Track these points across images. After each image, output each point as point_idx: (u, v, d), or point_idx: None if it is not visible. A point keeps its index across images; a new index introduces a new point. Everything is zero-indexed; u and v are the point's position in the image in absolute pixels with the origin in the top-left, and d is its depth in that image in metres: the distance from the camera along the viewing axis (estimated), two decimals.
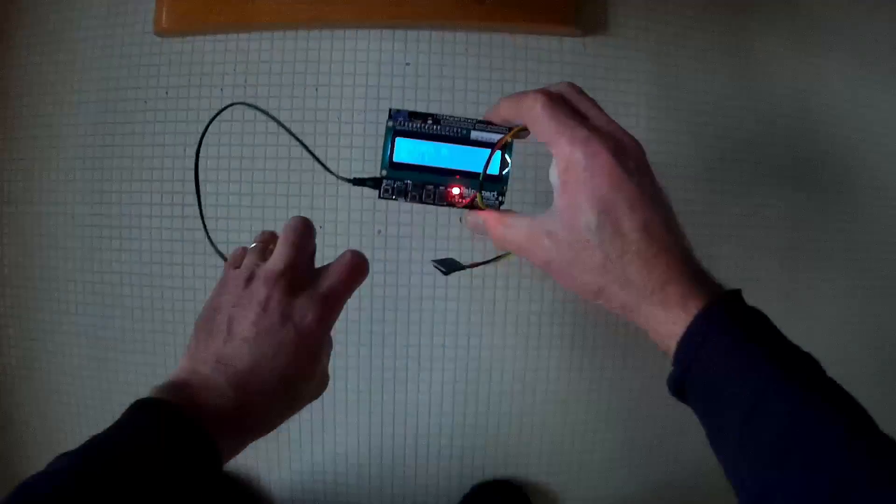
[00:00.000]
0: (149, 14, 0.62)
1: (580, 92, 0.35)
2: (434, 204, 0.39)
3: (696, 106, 0.66)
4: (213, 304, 0.36)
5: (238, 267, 0.37)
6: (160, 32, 0.62)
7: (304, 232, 0.37)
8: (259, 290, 0.35)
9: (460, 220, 0.60)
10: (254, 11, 0.60)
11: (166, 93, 0.63)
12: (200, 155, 0.42)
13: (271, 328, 0.34)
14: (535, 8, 0.61)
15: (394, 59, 0.62)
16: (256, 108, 0.43)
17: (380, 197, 0.39)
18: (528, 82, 0.62)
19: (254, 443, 0.35)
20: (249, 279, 0.36)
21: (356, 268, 0.37)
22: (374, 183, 0.39)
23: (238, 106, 0.45)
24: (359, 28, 0.62)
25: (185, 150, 0.62)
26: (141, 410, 0.31)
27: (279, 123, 0.41)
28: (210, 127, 0.40)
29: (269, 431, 0.36)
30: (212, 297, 0.37)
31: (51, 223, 0.65)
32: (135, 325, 0.64)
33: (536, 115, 0.33)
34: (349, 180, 0.40)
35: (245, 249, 0.39)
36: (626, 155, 0.33)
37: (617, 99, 0.63)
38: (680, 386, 0.32)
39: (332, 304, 0.36)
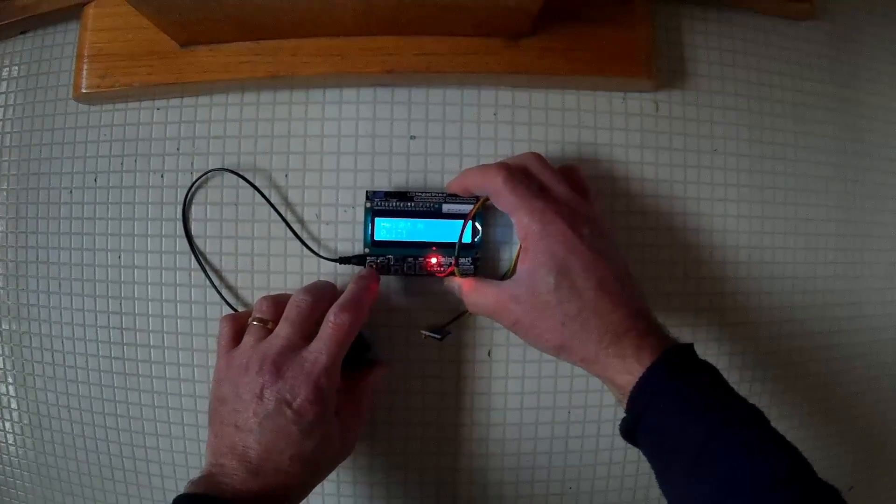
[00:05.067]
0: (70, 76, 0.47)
1: (542, 163, 0.39)
2: (415, 275, 0.42)
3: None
4: (218, 395, 0.38)
5: (232, 339, 0.39)
6: (81, 98, 0.47)
7: (305, 311, 0.38)
8: (254, 380, 0.36)
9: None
10: (192, 65, 0.44)
11: (95, 179, 0.47)
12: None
13: (269, 416, 0.35)
14: (594, 50, 0.43)
15: (392, 131, 0.45)
16: (240, 176, 0.44)
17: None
18: (583, 154, 0.45)
19: None
20: (247, 365, 0.37)
21: (339, 329, 0.37)
22: (358, 260, 0.43)
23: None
24: (341, 87, 0.45)
25: (120, 245, 0.47)
26: (180, 502, 0.34)
27: (271, 205, 0.44)
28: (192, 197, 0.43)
29: (300, 500, 0.38)
30: (215, 386, 0.38)
31: None
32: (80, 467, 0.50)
33: (498, 188, 0.36)
34: (335, 260, 0.43)
35: (230, 320, 0.40)
36: (579, 221, 0.36)
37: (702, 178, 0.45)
38: (631, 430, 0.34)
39: (326, 375, 0.36)
